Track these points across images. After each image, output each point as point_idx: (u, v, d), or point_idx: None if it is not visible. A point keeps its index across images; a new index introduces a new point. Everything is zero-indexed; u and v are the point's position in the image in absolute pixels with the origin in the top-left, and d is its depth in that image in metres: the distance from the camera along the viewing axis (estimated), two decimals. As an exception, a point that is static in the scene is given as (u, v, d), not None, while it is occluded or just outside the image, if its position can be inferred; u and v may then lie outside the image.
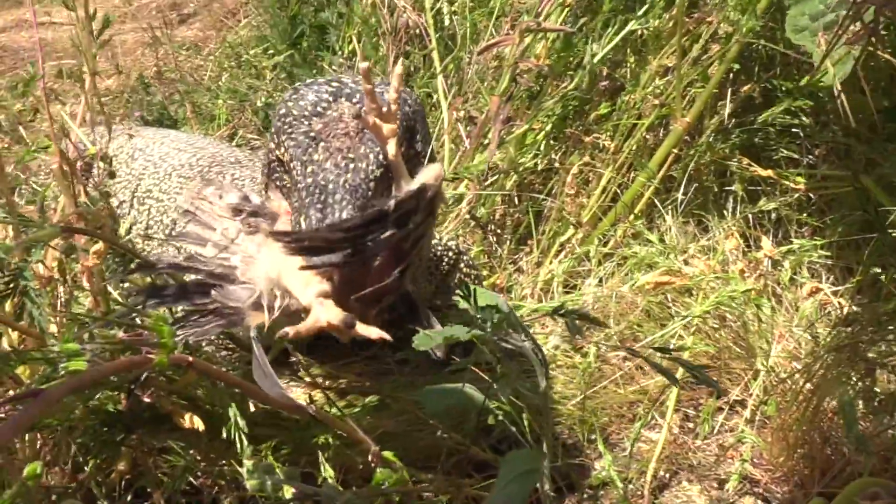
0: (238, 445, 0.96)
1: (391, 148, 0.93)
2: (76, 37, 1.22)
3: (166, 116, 2.60)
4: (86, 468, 1.01)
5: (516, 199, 1.69)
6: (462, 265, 1.47)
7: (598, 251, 1.55)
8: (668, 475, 1.21)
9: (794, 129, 1.57)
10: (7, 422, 0.65)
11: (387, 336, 0.89)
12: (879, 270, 1.34)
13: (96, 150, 1.29)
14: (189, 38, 3.64)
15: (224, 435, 0.98)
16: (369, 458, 0.94)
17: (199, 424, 1.01)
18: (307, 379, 1.33)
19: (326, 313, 0.87)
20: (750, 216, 1.58)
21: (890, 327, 0.96)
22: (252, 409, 1.09)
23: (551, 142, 1.69)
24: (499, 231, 1.68)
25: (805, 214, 1.56)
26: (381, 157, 0.96)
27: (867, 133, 1.50)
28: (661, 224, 1.59)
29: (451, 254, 1.46)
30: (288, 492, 0.90)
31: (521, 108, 1.62)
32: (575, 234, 1.60)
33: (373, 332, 0.89)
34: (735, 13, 1.44)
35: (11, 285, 0.87)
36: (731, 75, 1.58)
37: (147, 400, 0.95)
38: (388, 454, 0.95)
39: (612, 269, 1.54)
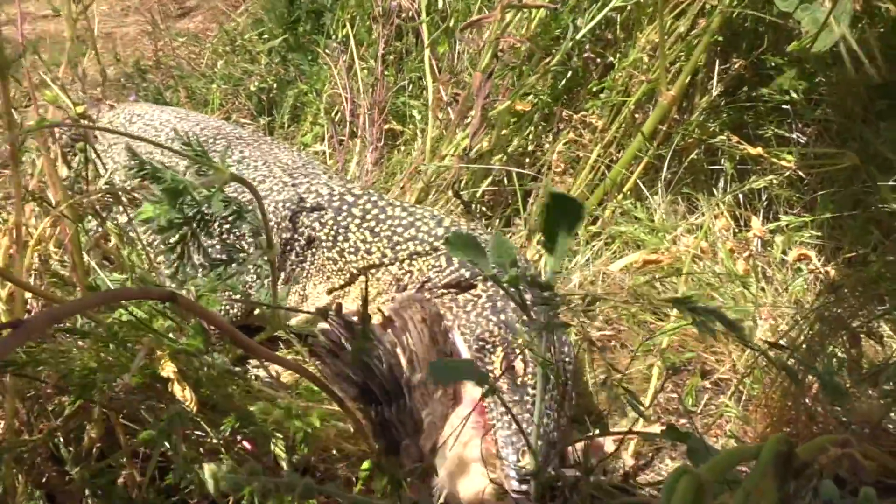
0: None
1: None
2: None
3: (161, 101, 2.59)
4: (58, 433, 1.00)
5: (505, 180, 1.68)
6: None
7: (586, 230, 1.53)
8: (650, 453, 1.19)
9: (784, 107, 1.55)
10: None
11: None
12: (865, 249, 1.32)
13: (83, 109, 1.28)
14: (190, 30, 3.64)
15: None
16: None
17: (189, 397, 1.00)
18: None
19: None
20: (740, 195, 1.56)
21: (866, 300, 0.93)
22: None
23: (542, 124, 1.68)
24: (486, 211, 1.67)
25: (796, 194, 1.54)
26: None
27: (859, 110, 1.47)
28: (649, 203, 1.57)
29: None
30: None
31: (508, 85, 1.60)
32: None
33: None
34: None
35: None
36: (719, 50, 1.55)
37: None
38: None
39: (600, 247, 1.52)
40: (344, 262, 1.27)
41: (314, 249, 1.30)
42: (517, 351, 1.04)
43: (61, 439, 0.99)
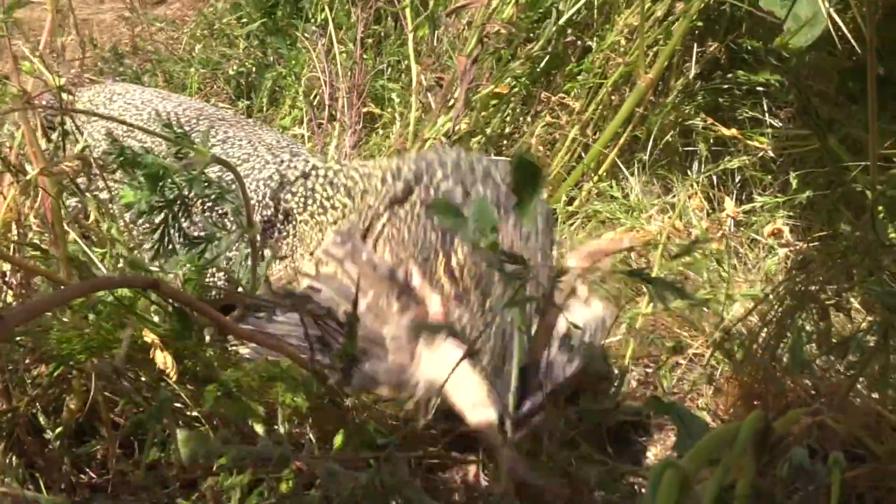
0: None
1: None
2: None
3: (138, 85, 2.58)
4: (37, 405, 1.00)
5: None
6: None
7: (564, 209, 1.55)
8: (625, 427, 1.21)
9: (758, 89, 1.57)
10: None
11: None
12: (837, 227, 1.35)
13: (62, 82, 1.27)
14: (167, 16, 3.62)
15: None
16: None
17: (170, 365, 1.00)
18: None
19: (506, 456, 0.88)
20: (714, 177, 1.59)
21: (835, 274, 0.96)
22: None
23: (521, 107, 1.69)
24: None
25: (769, 174, 1.56)
26: None
27: (832, 92, 1.50)
28: (625, 184, 1.59)
29: None
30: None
31: (490, 70, 1.62)
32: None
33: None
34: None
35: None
36: (696, 34, 1.58)
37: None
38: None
39: (577, 227, 1.54)
40: (315, 223, 1.28)
41: (292, 221, 1.31)
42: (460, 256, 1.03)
43: (40, 409, 0.99)
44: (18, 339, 0.96)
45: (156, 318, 1.04)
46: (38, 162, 0.96)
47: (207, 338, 1.19)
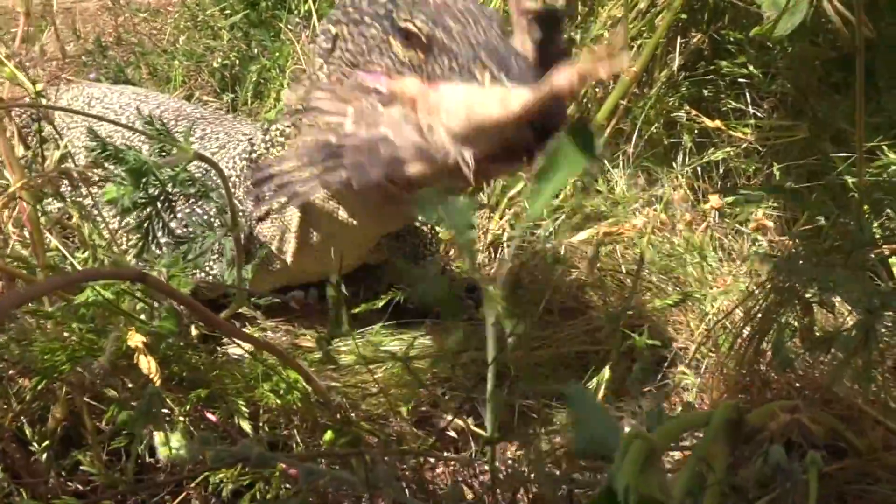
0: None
1: None
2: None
3: (122, 79, 2.56)
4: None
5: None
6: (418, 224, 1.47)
7: (548, 204, 1.55)
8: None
9: (742, 80, 1.57)
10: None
11: None
12: (822, 220, 1.35)
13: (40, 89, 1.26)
14: (151, 4, 3.59)
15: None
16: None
17: (155, 370, 1.00)
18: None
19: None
20: (699, 168, 1.59)
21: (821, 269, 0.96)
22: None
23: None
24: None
25: (753, 166, 1.57)
26: None
27: (815, 83, 1.50)
28: (610, 177, 1.59)
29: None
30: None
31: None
32: (525, 186, 1.59)
33: None
34: (682, -39, 1.43)
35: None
36: (680, 25, 1.57)
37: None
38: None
39: (562, 220, 1.54)
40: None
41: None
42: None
43: (24, 420, 0.99)
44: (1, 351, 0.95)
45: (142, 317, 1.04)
46: (16, 174, 0.96)
47: (194, 331, 1.20)
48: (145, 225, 1.10)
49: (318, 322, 1.45)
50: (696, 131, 1.58)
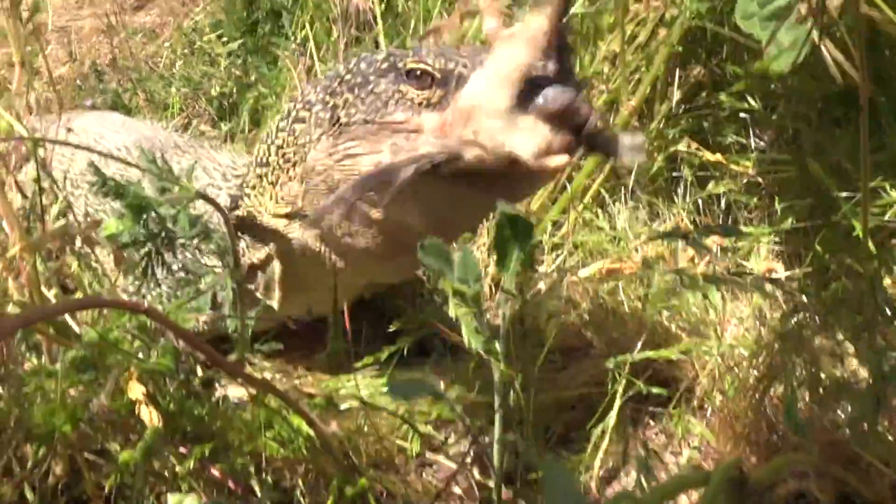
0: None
1: None
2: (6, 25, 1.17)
3: (119, 105, 2.55)
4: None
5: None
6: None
7: (549, 239, 1.54)
8: (614, 466, 1.21)
9: (742, 114, 1.57)
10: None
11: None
12: (827, 257, 1.34)
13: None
14: (146, 24, 3.58)
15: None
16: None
17: (156, 419, 0.99)
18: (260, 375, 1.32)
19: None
20: (700, 201, 1.58)
21: (831, 319, 0.96)
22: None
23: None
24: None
25: (754, 199, 1.56)
26: None
27: (815, 117, 1.50)
28: (611, 210, 1.59)
29: None
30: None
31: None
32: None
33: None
34: (680, -6, 1.43)
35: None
36: (679, 59, 1.57)
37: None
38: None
39: (565, 257, 1.53)
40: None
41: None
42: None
43: (26, 483, 0.98)
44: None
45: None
46: (14, 231, 0.95)
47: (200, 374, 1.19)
48: (144, 263, 1.09)
49: (318, 364, 1.45)
50: (696, 164, 1.58)
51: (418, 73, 0.99)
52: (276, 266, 1.25)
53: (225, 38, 2.54)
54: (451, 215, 1.04)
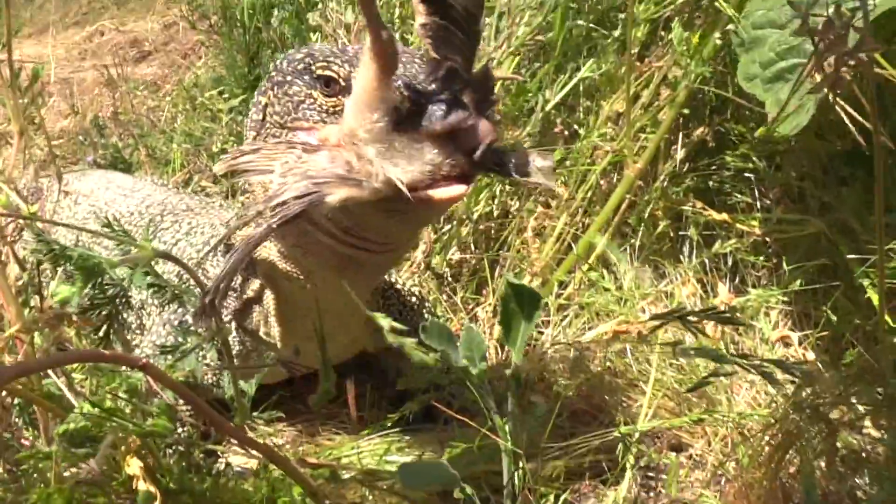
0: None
1: None
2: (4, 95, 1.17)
3: (120, 160, 2.55)
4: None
5: (472, 246, 1.67)
6: (423, 314, 1.44)
7: (554, 302, 1.52)
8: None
9: (747, 174, 1.56)
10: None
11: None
12: (837, 320, 1.33)
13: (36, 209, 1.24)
14: (148, 75, 3.60)
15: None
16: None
17: (156, 493, 0.97)
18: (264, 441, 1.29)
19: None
20: (706, 261, 1.57)
21: (852, 389, 0.94)
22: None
23: (506, 187, 1.67)
24: (454, 278, 1.65)
25: (761, 258, 1.55)
26: None
27: (821, 176, 1.49)
28: (617, 270, 1.57)
29: (414, 299, 1.43)
30: None
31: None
32: (530, 281, 1.57)
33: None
34: (684, 58, 1.43)
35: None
36: (683, 119, 1.57)
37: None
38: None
39: (571, 318, 1.51)
40: None
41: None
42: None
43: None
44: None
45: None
46: (12, 310, 0.93)
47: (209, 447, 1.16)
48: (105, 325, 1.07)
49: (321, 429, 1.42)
50: (702, 224, 1.57)
51: (325, 79, 0.97)
52: (269, 295, 1.23)
53: (226, 95, 2.55)
54: (377, 236, 1.01)
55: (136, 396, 1.04)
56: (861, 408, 0.96)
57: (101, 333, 1.06)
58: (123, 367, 1.07)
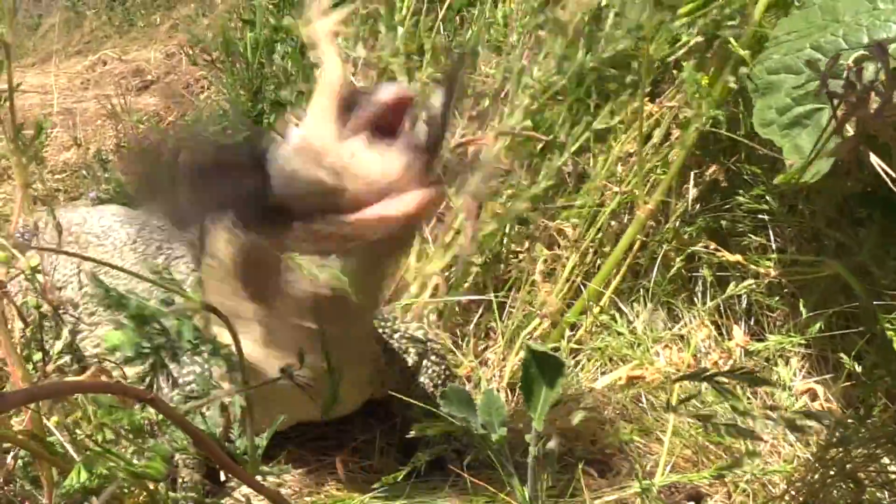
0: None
1: None
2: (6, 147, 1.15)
3: (123, 195, 2.52)
4: None
5: (481, 285, 1.64)
6: (431, 359, 1.40)
7: (567, 346, 1.50)
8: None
9: (760, 215, 1.54)
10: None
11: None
12: (862, 370, 1.30)
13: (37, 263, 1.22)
14: (151, 105, 3.59)
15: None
16: None
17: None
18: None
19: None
20: (720, 302, 1.54)
21: (879, 450, 0.91)
22: None
23: (516, 227, 1.65)
24: (462, 321, 1.63)
25: (777, 299, 1.52)
26: None
27: (836, 216, 1.47)
28: (629, 312, 1.55)
29: (419, 345, 1.39)
30: None
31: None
32: (540, 324, 1.54)
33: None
34: (695, 100, 1.41)
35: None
36: (694, 159, 1.55)
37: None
38: None
39: (584, 362, 1.49)
40: None
41: None
42: None
43: None
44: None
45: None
46: (16, 369, 0.90)
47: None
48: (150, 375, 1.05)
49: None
50: (715, 264, 1.54)
51: None
52: None
53: (230, 131, 2.53)
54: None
55: (138, 435, 1.01)
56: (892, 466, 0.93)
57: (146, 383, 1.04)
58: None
